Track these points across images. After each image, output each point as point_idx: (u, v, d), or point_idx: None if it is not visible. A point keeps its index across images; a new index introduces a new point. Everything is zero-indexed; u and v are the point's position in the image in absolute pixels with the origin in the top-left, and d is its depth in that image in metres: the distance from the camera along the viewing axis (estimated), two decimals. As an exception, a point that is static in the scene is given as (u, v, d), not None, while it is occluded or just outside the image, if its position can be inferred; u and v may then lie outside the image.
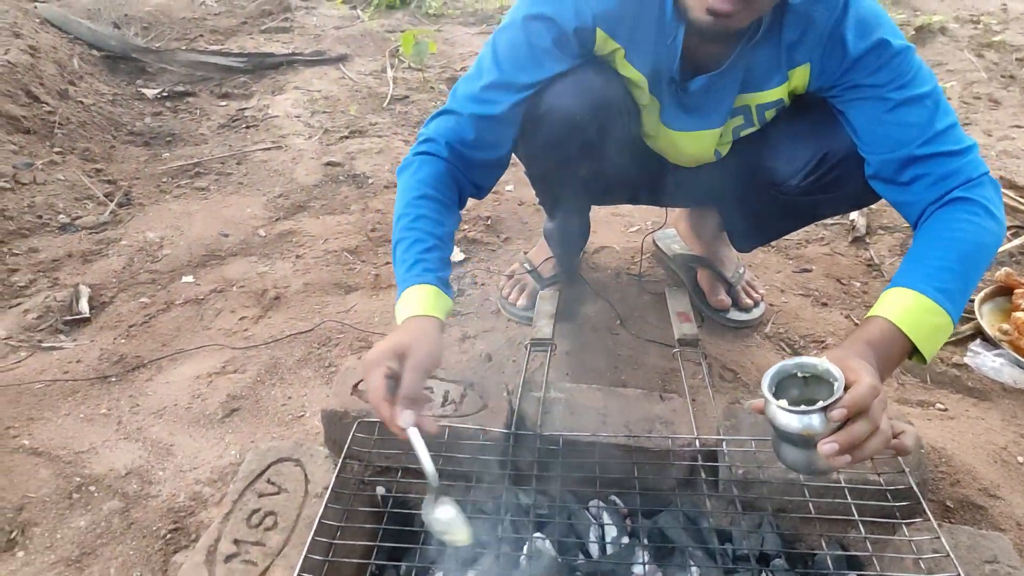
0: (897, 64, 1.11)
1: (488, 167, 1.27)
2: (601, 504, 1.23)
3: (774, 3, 1.06)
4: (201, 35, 3.81)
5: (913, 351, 1.01)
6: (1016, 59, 3.51)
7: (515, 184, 2.26)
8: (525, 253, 1.84)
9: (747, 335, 1.67)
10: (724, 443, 1.22)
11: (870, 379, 0.87)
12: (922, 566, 1.01)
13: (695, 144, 1.34)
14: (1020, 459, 1.34)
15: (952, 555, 1.00)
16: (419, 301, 1.10)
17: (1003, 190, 2.23)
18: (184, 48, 3.48)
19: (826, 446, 0.84)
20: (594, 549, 1.17)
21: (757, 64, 1.19)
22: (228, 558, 1.03)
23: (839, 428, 0.85)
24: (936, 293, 1.00)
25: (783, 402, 0.90)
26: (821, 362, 0.90)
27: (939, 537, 1.03)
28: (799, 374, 0.94)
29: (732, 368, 1.56)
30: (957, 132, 1.12)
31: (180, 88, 3.14)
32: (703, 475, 1.20)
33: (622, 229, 2.11)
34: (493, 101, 1.20)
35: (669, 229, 1.96)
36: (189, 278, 1.86)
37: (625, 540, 1.17)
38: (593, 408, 1.31)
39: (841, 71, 1.14)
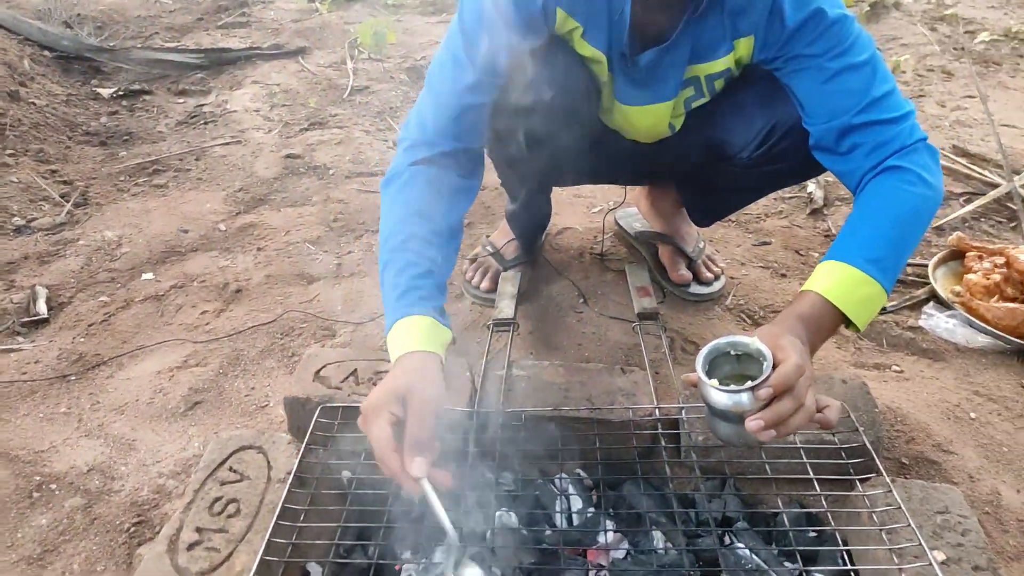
0: (834, 33, 1.12)
1: (475, 157, 1.25)
2: (566, 477, 1.24)
3: None
4: (156, 33, 3.75)
5: (847, 321, 1.03)
6: (966, 31, 3.57)
7: (477, 169, 2.26)
8: (488, 236, 1.84)
9: (708, 308, 1.69)
10: (684, 411, 1.24)
11: (797, 358, 0.90)
12: (875, 519, 1.04)
13: (650, 118, 1.35)
14: (972, 415, 1.38)
15: (903, 507, 1.03)
16: (415, 335, 1.04)
17: (956, 158, 2.29)
18: (139, 46, 3.43)
19: (752, 423, 0.89)
20: (560, 521, 1.18)
21: (704, 35, 1.20)
22: (191, 546, 1.03)
23: (766, 405, 0.89)
24: (866, 264, 1.03)
25: (714, 381, 0.93)
26: (752, 341, 0.94)
27: (891, 491, 1.06)
28: (732, 352, 0.97)
29: (694, 341, 1.58)
30: (894, 99, 1.13)
31: (136, 87, 3.09)
32: (664, 443, 1.22)
33: (584, 210, 2.12)
34: (472, 89, 1.17)
35: (630, 207, 1.98)
36: (149, 275, 1.84)
37: (591, 511, 1.18)
38: (555, 384, 1.32)
39: (781, 42, 1.15)
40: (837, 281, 1.04)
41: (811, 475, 1.12)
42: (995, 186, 2.17)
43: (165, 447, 1.32)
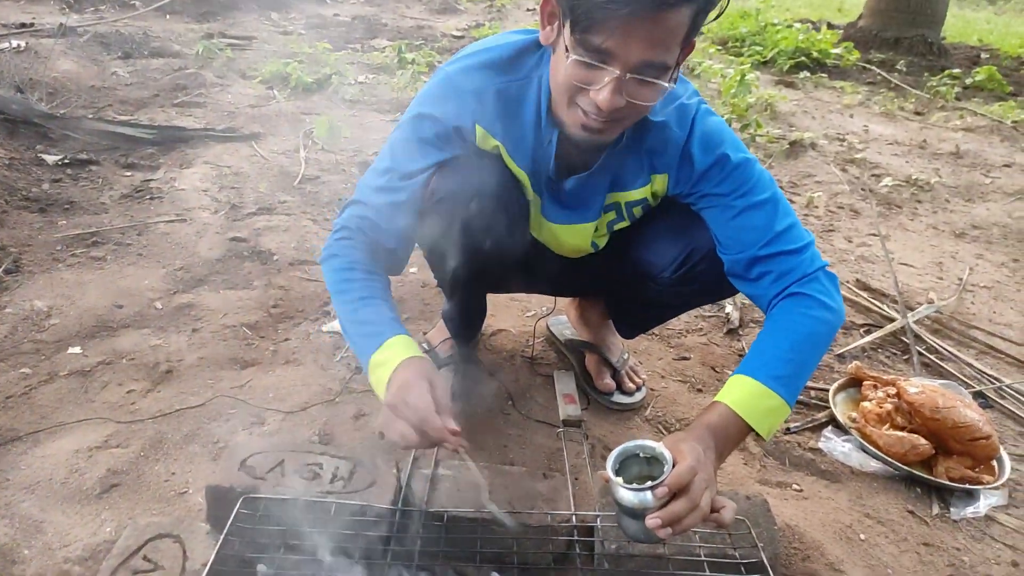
0: (738, 175, 1.29)
1: (396, 251, 1.37)
2: (482, 580, 1.27)
3: (636, 120, 1.22)
4: (110, 105, 3.79)
5: (752, 430, 1.15)
6: (873, 174, 3.96)
7: (418, 267, 2.35)
8: (424, 334, 1.91)
9: (629, 417, 1.78)
10: (599, 519, 1.30)
11: (691, 461, 1.03)
12: (769, 633, 1.11)
13: (574, 236, 1.47)
14: (862, 536, 1.48)
15: (794, 623, 1.10)
16: (404, 348, 1.19)
17: (858, 291, 2.50)
18: (90, 116, 3.45)
19: (650, 520, 0.99)
20: (473, 625, 1.20)
21: (624, 167, 1.36)
22: (95, 638, 1.01)
23: (666, 504, 0.98)
24: (769, 379, 1.15)
25: (620, 479, 1.03)
26: (657, 445, 1.07)
27: (784, 606, 1.13)
28: (640, 454, 1.09)
29: (613, 448, 1.66)
30: (796, 231, 1.29)
31: (83, 156, 3.09)
32: (579, 550, 1.27)
33: (519, 313, 2.22)
34: (392, 189, 1.31)
35: (562, 316, 2.09)
36: (76, 349, 1.82)
37: (504, 616, 1.21)
38: (479, 485, 1.37)
39: (692, 182, 1.32)
40: (744, 394, 1.17)
41: (713, 588, 1.19)
42: (892, 320, 2.38)
43: (75, 530, 1.29)
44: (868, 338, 2.28)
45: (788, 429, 1.81)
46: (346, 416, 1.66)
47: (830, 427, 1.81)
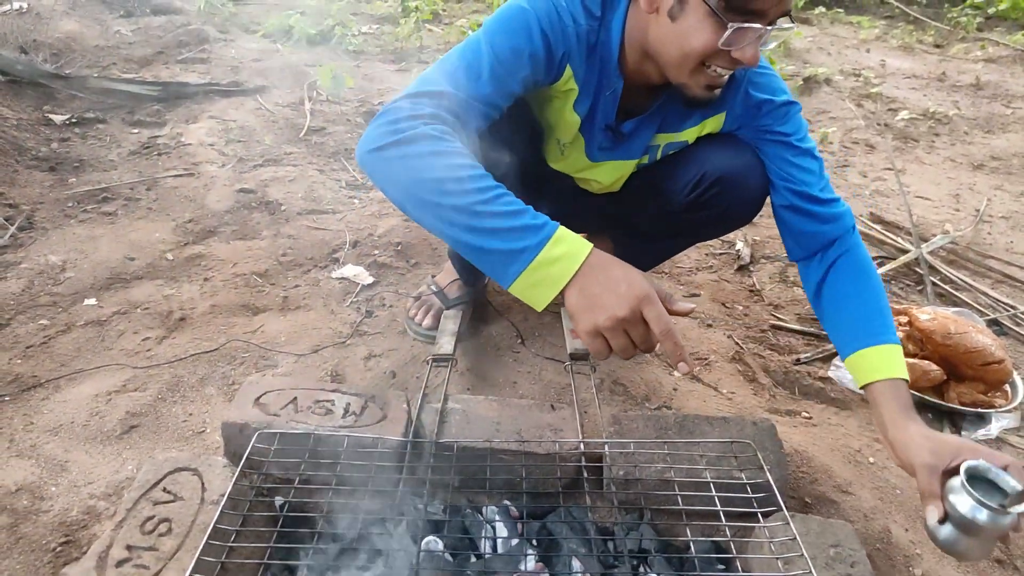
0: (797, 120, 1.36)
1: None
2: (494, 508, 1.30)
3: None
4: (114, 63, 3.77)
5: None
6: (889, 109, 3.87)
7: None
8: (433, 276, 1.91)
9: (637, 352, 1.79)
10: (607, 446, 1.32)
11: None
12: (773, 549, 1.13)
13: (614, 172, 1.49)
14: (871, 460, 1.49)
15: (799, 539, 1.12)
16: (570, 244, 0.99)
17: (872, 224, 2.47)
18: (95, 75, 3.44)
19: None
20: (485, 548, 1.23)
21: (676, 110, 1.37)
22: (120, 563, 1.04)
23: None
24: (893, 336, 1.25)
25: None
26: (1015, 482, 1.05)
27: (789, 524, 1.15)
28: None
29: (622, 383, 1.67)
30: (831, 187, 1.38)
31: (90, 115, 3.10)
32: (586, 475, 1.29)
33: (527, 256, 2.22)
34: (482, 100, 1.16)
35: (570, 256, 2.09)
36: (92, 300, 1.85)
37: (515, 541, 1.24)
38: (488, 418, 1.39)
39: (758, 117, 1.35)
40: (899, 360, 1.22)
41: (720, 509, 1.20)
42: (905, 252, 2.35)
43: (98, 469, 1.33)
44: (881, 270, 2.25)
45: (798, 360, 1.81)
46: (357, 357, 1.68)
47: (839, 356, 1.81)
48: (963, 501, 1.07)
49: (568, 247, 0.98)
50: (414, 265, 2.10)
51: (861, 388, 1.25)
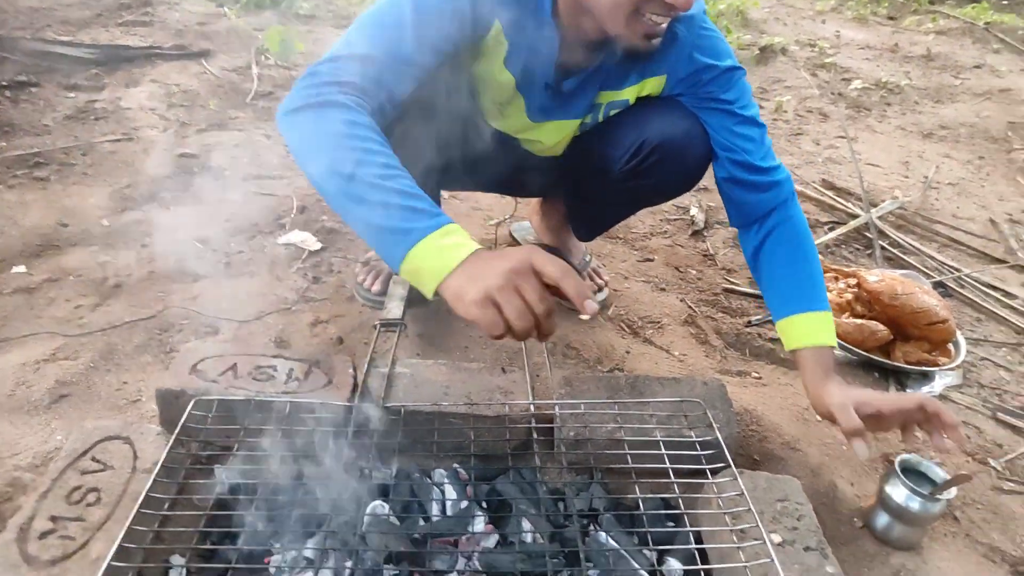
0: (742, 87, 1.33)
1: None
2: (442, 471, 1.27)
3: None
4: (49, 25, 3.58)
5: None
6: (843, 79, 3.90)
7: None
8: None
9: (591, 317, 1.77)
10: (557, 407, 1.30)
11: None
12: (721, 504, 1.13)
13: (557, 133, 1.44)
14: (818, 418, 1.50)
15: (746, 494, 1.12)
16: (464, 237, 0.93)
17: (824, 191, 2.49)
18: (29, 37, 3.27)
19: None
20: (435, 513, 1.21)
21: (615, 68, 1.32)
22: (43, 535, 0.99)
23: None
24: (823, 304, 1.29)
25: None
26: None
27: (736, 479, 1.15)
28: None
29: (575, 347, 1.65)
30: (772, 153, 1.36)
31: (22, 78, 2.93)
32: (536, 436, 1.27)
33: (482, 222, 2.18)
34: (406, 62, 1.10)
35: (525, 221, 2.06)
36: (21, 268, 1.76)
37: (464, 504, 1.22)
38: (437, 381, 1.36)
39: (700, 85, 1.32)
40: (831, 328, 1.28)
41: (668, 466, 1.20)
42: (856, 217, 2.37)
43: (24, 440, 1.26)
44: (832, 234, 2.27)
45: (749, 322, 1.81)
46: (303, 324, 1.63)
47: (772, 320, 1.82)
48: (898, 491, 1.20)
49: (459, 239, 0.92)
50: (364, 231, 2.05)
51: (789, 352, 1.29)
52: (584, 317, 0.83)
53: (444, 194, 2.31)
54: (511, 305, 0.85)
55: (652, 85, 1.37)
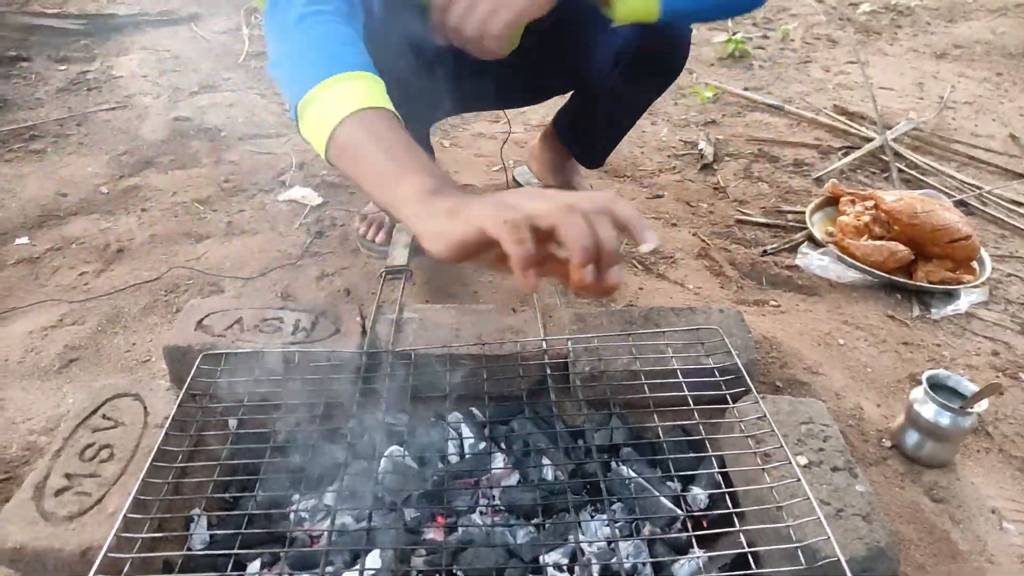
0: None
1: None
2: (458, 414, 1.25)
3: None
4: (35, -1, 3.52)
5: None
6: (851, 3, 3.76)
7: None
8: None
9: (651, 250, 1.73)
10: (570, 343, 1.27)
11: None
12: (744, 430, 1.10)
13: None
14: (841, 341, 1.46)
15: (768, 417, 1.09)
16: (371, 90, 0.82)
17: (836, 116, 2.41)
18: (14, 11, 3.21)
19: None
20: (452, 458, 1.19)
21: None
22: (59, 492, 0.98)
23: None
24: None
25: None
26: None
27: (758, 402, 1.12)
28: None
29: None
30: None
31: (12, 53, 2.89)
32: (550, 372, 1.24)
33: (484, 169, 2.13)
34: None
35: (524, 167, 2.01)
36: (23, 239, 1.74)
37: (482, 445, 1.20)
38: (447, 324, 1.33)
39: None
40: None
41: (687, 393, 1.17)
42: (870, 140, 2.30)
43: (36, 405, 1.26)
44: (847, 159, 2.20)
45: (764, 251, 1.77)
46: (308, 278, 1.60)
47: (806, 244, 1.77)
48: (927, 408, 1.17)
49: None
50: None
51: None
52: (645, 248, 0.67)
53: (444, 143, 2.26)
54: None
55: None
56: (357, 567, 0.94)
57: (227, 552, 0.93)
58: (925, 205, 1.68)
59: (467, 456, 1.19)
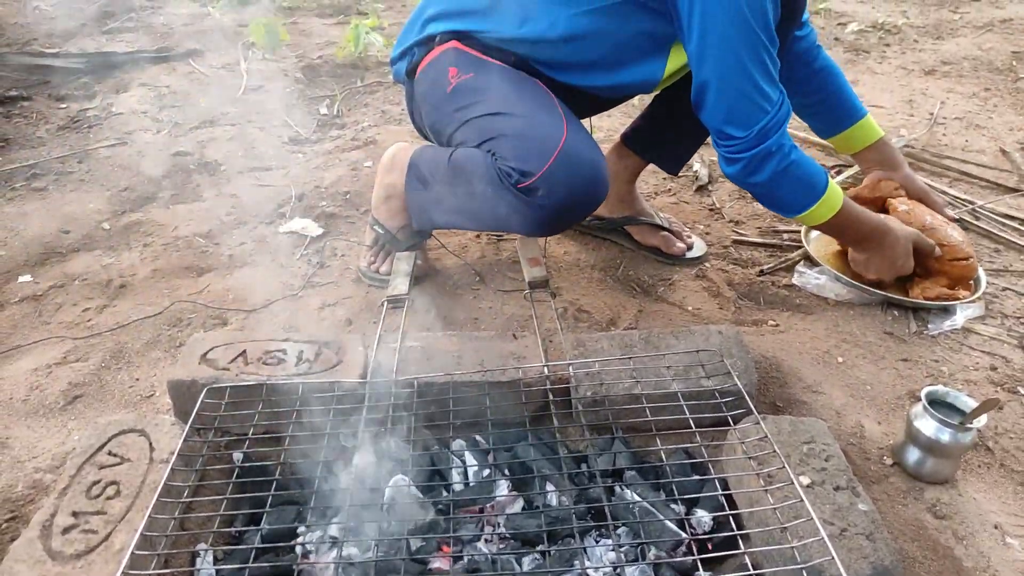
0: None
1: None
2: (461, 442, 1.26)
3: None
4: (35, 39, 3.57)
5: None
6: (839, 23, 3.82)
7: (373, 161, 2.26)
8: (375, 218, 1.83)
9: (600, 278, 1.75)
10: (571, 367, 1.28)
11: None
12: (746, 451, 1.10)
13: None
14: (840, 359, 1.47)
15: (770, 438, 1.09)
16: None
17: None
18: (15, 52, 3.26)
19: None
20: (457, 486, 1.20)
21: None
22: (66, 530, 0.99)
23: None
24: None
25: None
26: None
27: (759, 424, 1.13)
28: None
29: (586, 310, 1.63)
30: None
31: (13, 93, 2.93)
32: (553, 398, 1.25)
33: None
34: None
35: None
36: (26, 277, 1.75)
37: (486, 472, 1.20)
38: (448, 351, 1.34)
39: None
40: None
41: (689, 416, 1.17)
42: (862, 159, 2.32)
43: (42, 443, 1.26)
44: (840, 177, 2.23)
45: (762, 271, 1.78)
46: (310, 309, 1.62)
47: (803, 262, 1.79)
48: (927, 424, 1.18)
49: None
50: (364, 212, 2.02)
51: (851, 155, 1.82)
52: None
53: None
54: None
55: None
56: (364, 599, 0.95)
57: (234, 587, 0.93)
58: (934, 219, 1.69)
59: (471, 484, 1.19)
